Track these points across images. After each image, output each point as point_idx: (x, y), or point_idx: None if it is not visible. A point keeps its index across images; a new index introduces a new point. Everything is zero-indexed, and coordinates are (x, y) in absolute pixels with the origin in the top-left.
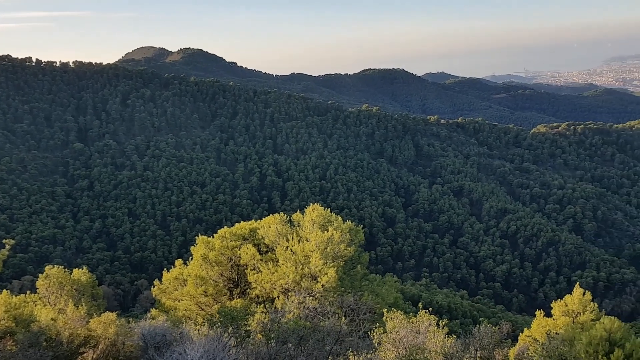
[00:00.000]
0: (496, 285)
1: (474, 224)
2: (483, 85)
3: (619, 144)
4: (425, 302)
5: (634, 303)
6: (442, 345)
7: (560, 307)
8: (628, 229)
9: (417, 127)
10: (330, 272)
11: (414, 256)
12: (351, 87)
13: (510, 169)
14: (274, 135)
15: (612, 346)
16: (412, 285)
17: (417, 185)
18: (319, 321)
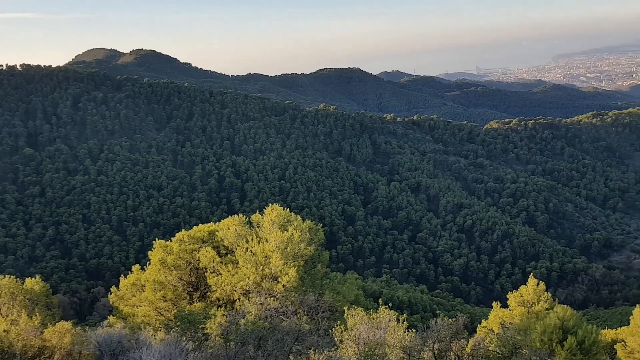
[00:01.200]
0: (454, 279)
1: (432, 219)
2: (437, 83)
3: (567, 138)
4: (386, 298)
5: (586, 291)
6: (402, 339)
7: (515, 297)
8: (578, 220)
9: (374, 125)
10: (290, 272)
11: (374, 253)
12: (308, 86)
13: (465, 165)
14: (232, 136)
15: (565, 334)
16: (373, 281)
17: (375, 183)
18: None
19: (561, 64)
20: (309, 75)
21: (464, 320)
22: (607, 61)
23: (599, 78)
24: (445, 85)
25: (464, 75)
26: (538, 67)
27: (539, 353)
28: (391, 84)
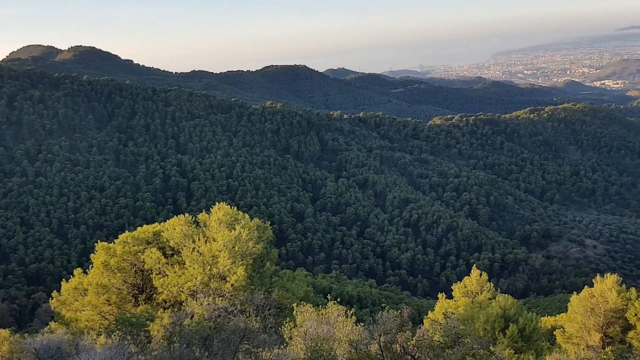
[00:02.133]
0: (402, 272)
1: (379, 214)
2: (382, 81)
3: (507, 133)
4: (335, 293)
5: (526, 280)
6: (349, 333)
7: (460, 288)
8: (518, 212)
9: (322, 122)
10: (239, 271)
11: (323, 249)
12: (254, 83)
13: (410, 160)
14: (177, 134)
15: (507, 322)
16: (323, 278)
17: (323, 179)
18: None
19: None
20: (255, 72)
21: (409, 312)
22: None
23: (536, 75)
24: (390, 83)
25: (408, 72)
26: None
27: (481, 341)
28: (337, 81)
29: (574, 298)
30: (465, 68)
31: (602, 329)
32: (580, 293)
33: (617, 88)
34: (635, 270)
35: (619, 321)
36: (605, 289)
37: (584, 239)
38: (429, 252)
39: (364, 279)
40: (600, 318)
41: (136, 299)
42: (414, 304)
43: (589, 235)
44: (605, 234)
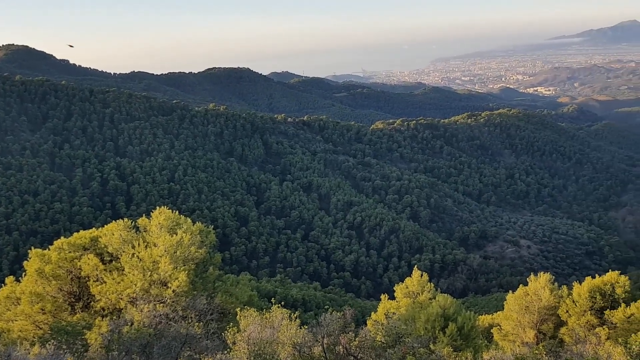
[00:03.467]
0: (346, 275)
1: (324, 217)
2: (325, 85)
3: (446, 137)
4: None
5: (465, 280)
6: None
7: (402, 289)
8: (457, 214)
9: (266, 125)
10: (181, 277)
11: (268, 253)
12: (197, 85)
13: (353, 164)
14: (115, 137)
15: (446, 321)
16: (268, 281)
17: (268, 183)
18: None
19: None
20: (197, 74)
21: (351, 313)
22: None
23: (473, 81)
24: (334, 87)
25: (351, 77)
26: (418, 70)
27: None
28: (281, 84)
29: (510, 296)
30: (406, 74)
31: (536, 326)
32: (516, 292)
33: (549, 94)
34: (566, 269)
35: (552, 318)
36: (538, 288)
37: (518, 239)
38: (372, 254)
39: (309, 281)
40: (534, 315)
41: (73, 307)
42: (357, 306)
43: (523, 235)
44: (538, 235)
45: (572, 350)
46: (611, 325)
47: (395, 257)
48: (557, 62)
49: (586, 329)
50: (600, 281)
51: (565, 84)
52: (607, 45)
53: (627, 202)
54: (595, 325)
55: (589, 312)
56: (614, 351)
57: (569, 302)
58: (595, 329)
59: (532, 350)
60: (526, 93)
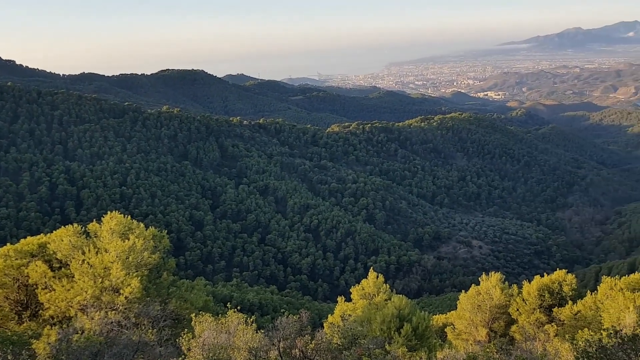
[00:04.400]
0: (303, 278)
1: (280, 220)
2: (281, 88)
3: (400, 140)
4: (236, 301)
5: (420, 281)
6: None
7: (358, 291)
8: (411, 216)
9: (221, 128)
10: (133, 283)
11: (224, 257)
12: (149, 87)
13: (310, 167)
14: (64, 140)
15: (401, 321)
16: (224, 286)
17: (223, 186)
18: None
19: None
20: (150, 76)
21: (307, 316)
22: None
23: (426, 85)
24: (289, 90)
25: (307, 80)
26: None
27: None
28: (236, 87)
29: (463, 296)
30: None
31: (488, 325)
32: (468, 291)
33: (499, 99)
34: (516, 268)
35: (503, 316)
36: (490, 287)
37: (471, 240)
38: (328, 256)
39: (266, 285)
40: (486, 314)
41: (20, 316)
42: (314, 309)
43: (475, 236)
44: (489, 235)
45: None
46: (559, 323)
47: (351, 259)
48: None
49: (536, 326)
50: (548, 280)
51: (514, 88)
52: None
53: (573, 203)
54: (545, 323)
55: (538, 310)
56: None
57: (519, 300)
58: (544, 326)
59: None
60: (477, 97)
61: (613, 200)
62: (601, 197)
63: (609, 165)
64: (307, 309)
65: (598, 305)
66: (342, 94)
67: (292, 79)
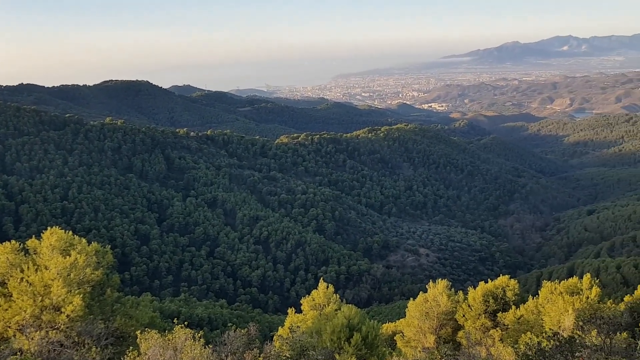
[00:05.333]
0: (253, 290)
1: (229, 233)
2: (229, 99)
3: (348, 151)
4: (184, 316)
5: (370, 290)
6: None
7: (308, 302)
8: (360, 225)
9: (167, 140)
10: (75, 301)
11: (171, 272)
12: (92, 99)
13: (259, 178)
14: (2, 153)
15: (351, 331)
16: (171, 301)
17: (170, 199)
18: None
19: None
20: (92, 87)
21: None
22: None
23: (372, 97)
24: (237, 101)
25: (255, 91)
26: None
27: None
28: (183, 98)
29: (411, 304)
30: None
31: (436, 331)
32: (416, 299)
33: (442, 110)
34: (462, 275)
35: (450, 322)
36: (437, 294)
37: (418, 248)
38: (279, 268)
39: (215, 299)
40: (434, 321)
41: None
42: (265, 321)
43: (422, 244)
44: (436, 243)
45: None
46: (504, 327)
47: (302, 270)
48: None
49: (481, 331)
50: (492, 285)
51: (457, 100)
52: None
53: (514, 210)
54: (490, 328)
55: (483, 315)
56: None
57: (465, 306)
58: (489, 331)
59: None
60: (421, 109)
61: (552, 207)
62: (540, 204)
63: (548, 173)
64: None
65: (539, 309)
66: (290, 105)
67: (240, 90)
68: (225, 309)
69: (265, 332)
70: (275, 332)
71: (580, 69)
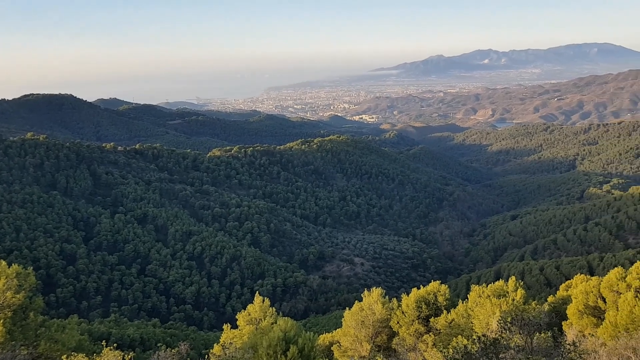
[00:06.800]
0: (187, 307)
1: (161, 249)
2: (158, 112)
3: (282, 163)
4: (115, 338)
5: (306, 301)
6: None
7: (244, 317)
8: (296, 237)
9: (93, 155)
10: None
11: (100, 292)
12: (11, 113)
13: (191, 192)
14: None
15: (287, 344)
16: (100, 323)
17: (97, 216)
18: None
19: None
20: (11, 101)
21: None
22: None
23: (305, 109)
24: (167, 114)
25: (185, 104)
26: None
27: None
28: (109, 111)
29: (347, 313)
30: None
31: (372, 339)
32: (352, 308)
33: (373, 122)
34: (396, 282)
35: (385, 330)
36: (372, 302)
37: (353, 257)
38: (214, 283)
39: (147, 319)
40: (369, 329)
41: None
42: (200, 339)
43: (357, 254)
44: (370, 252)
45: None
46: (436, 332)
47: (237, 285)
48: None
49: (415, 337)
50: (424, 291)
51: (386, 112)
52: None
53: (443, 218)
54: (423, 333)
55: (416, 321)
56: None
57: (399, 313)
58: (423, 336)
59: None
60: (353, 120)
61: (478, 213)
62: (468, 211)
63: (473, 181)
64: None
65: (469, 313)
66: (222, 117)
67: (170, 103)
68: (159, 328)
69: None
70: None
71: (500, 81)
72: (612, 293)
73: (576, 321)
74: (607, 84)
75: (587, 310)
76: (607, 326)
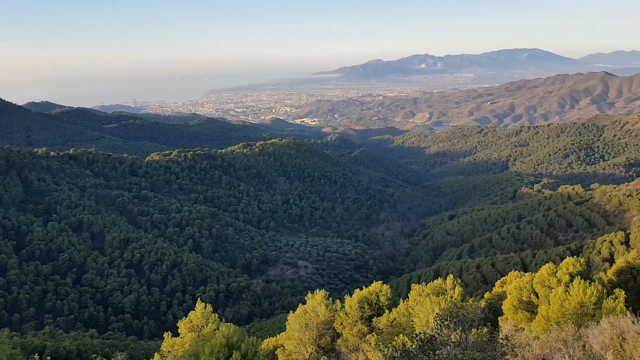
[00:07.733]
0: (126, 317)
1: (98, 257)
2: (93, 115)
3: (224, 167)
4: (50, 350)
5: (250, 306)
6: None
7: (185, 324)
8: (239, 242)
9: (24, 161)
10: None
11: (33, 304)
12: None
13: (129, 198)
14: None
15: (230, 350)
16: (34, 336)
17: (29, 224)
18: None
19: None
20: None
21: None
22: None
23: (246, 112)
24: (102, 118)
25: (121, 107)
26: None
27: None
28: (41, 115)
29: (291, 316)
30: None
31: (316, 342)
32: (296, 311)
33: (314, 125)
34: (339, 284)
35: (329, 331)
36: (315, 305)
37: (297, 260)
38: (154, 291)
39: (85, 329)
40: (313, 331)
41: None
42: (140, 348)
43: (300, 257)
44: (313, 255)
45: None
46: (379, 332)
47: (179, 292)
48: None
49: (359, 337)
50: (367, 292)
51: (327, 115)
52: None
53: (384, 219)
54: (366, 333)
55: (359, 321)
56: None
57: (342, 314)
58: (366, 336)
59: None
60: (295, 123)
61: (417, 214)
62: (407, 212)
63: (412, 182)
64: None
65: (410, 311)
66: (160, 121)
67: (106, 107)
68: (96, 339)
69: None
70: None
71: (437, 85)
72: (544, 288)
73: (511, 316)
74: (537, 88)
75: (521, 305)
76: (539, 320)
